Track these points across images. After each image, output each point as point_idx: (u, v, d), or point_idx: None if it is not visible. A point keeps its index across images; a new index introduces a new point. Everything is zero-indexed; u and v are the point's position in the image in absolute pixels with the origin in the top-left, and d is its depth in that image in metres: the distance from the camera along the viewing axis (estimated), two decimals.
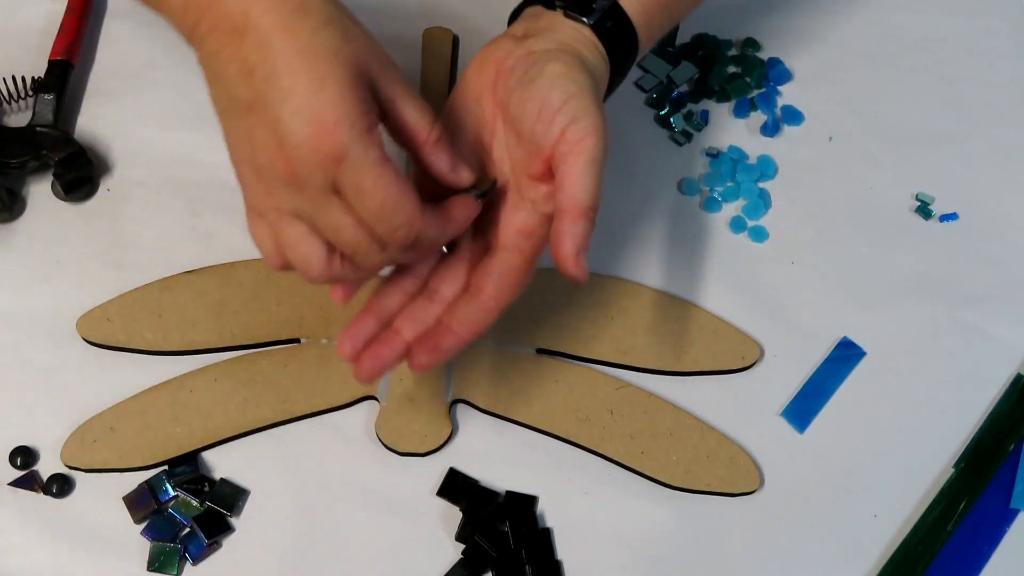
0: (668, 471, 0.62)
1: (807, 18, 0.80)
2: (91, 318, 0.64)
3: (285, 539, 0.60)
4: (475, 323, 0.54)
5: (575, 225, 0.51)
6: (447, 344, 0.53)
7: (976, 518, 0.62)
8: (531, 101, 0.52)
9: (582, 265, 0.51)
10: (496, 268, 0.54)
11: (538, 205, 0.54)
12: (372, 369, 0.53)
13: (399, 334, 0.54)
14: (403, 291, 0.55)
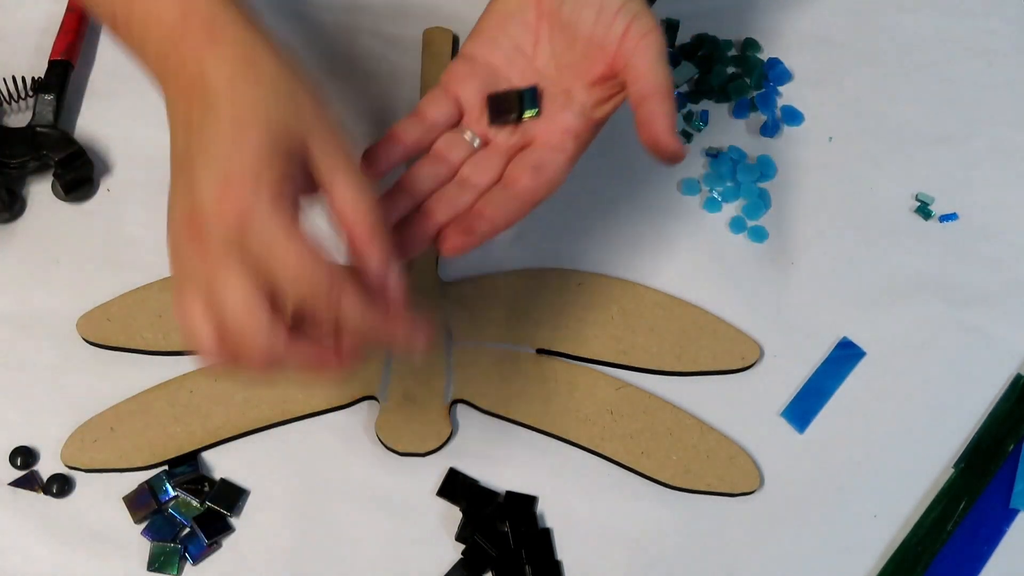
0: (668, 471, 0.62)
1: (807, 18, 0.80)
2: (91, 318, 0.64)
3: (285, 539, 0.60)
4: (509, 212, 0.53)
5: (663, 104, 0.52)
6: (481, 228, 0.53)
7: (976, 518, 0.62)
8: (587, 7, 0.54)
9: (678, 141, 0.51)
10: (536, 160, 0.54)
11: (587, 110, 0.55)
12: (402, 251, 0.52)
13: (431, 216, 0.53)
14: (435, 176, 0.55)
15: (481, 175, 0.55)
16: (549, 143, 0.55)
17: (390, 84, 0.75)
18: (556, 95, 0.56)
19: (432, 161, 0.55)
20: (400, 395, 0.63)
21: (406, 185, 0.54)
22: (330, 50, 0.76)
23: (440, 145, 0.56)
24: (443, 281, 0.67)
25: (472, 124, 0.56)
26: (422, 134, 0.55)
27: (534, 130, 0.55)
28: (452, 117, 0.56)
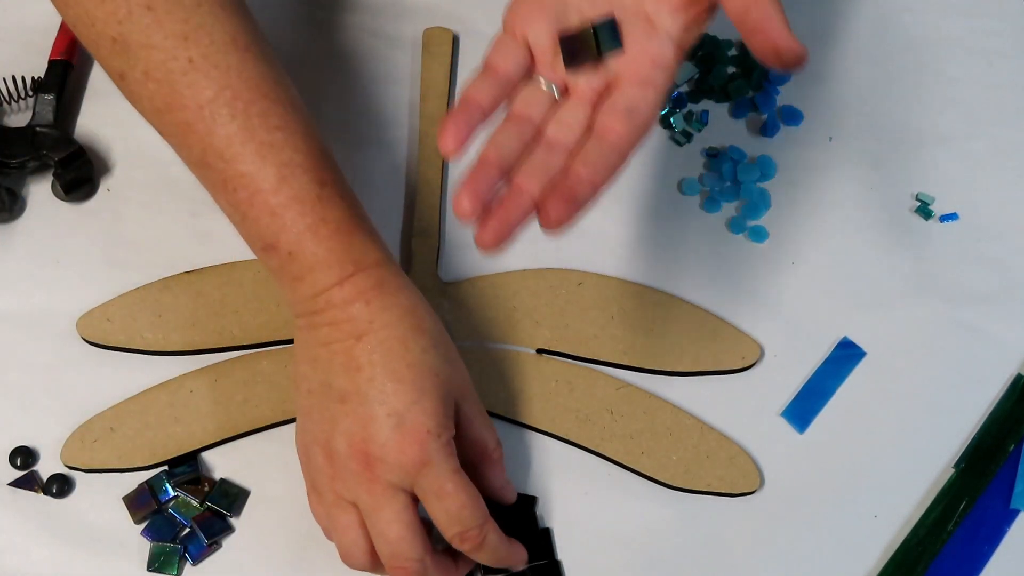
0: (668, 471, 0.62)
1: (807, 18, 0.79)
2: (91, 318, 0.64)
3: (285, 539, 0.60)
4: (608, 167, 0.48)
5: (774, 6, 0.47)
6: (582, 193, 0.48)
7: (976, 518, 0.62)
8: None
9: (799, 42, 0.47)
10: (627, 103, 0.49)
11: (674, 35, 0.50)
12: (499, 233, 0.47)
13: (525, 190, 0.48)
14: (520, 140, 0.50)
15: (569, 131, 0.50)
16: (637, 79, 0.50)
17: (390, 84, 0.75)
18: (636, 23, 0.51)
19: (513, 124, 0.50)
20: None
21: (491, 158, 0.49)
22: (330, 50, 0.76)
23: (518, 104, 0.51)
24: (443, 281, 0.67)
25: (546, 70, 0.51)
26: (497, 91, 0.50)
27: (618, 67, 0.50)
28: (525, 65, 0.51)
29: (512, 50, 0.51)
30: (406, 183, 0.71)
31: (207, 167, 0.55)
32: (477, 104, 0.49)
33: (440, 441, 0.53)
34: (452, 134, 0.48)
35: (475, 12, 0.78)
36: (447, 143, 0.48)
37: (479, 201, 0.47)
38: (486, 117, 0.49)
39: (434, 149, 0.71)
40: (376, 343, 0.53)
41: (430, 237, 0.68)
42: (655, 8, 0.50)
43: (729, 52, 0.78)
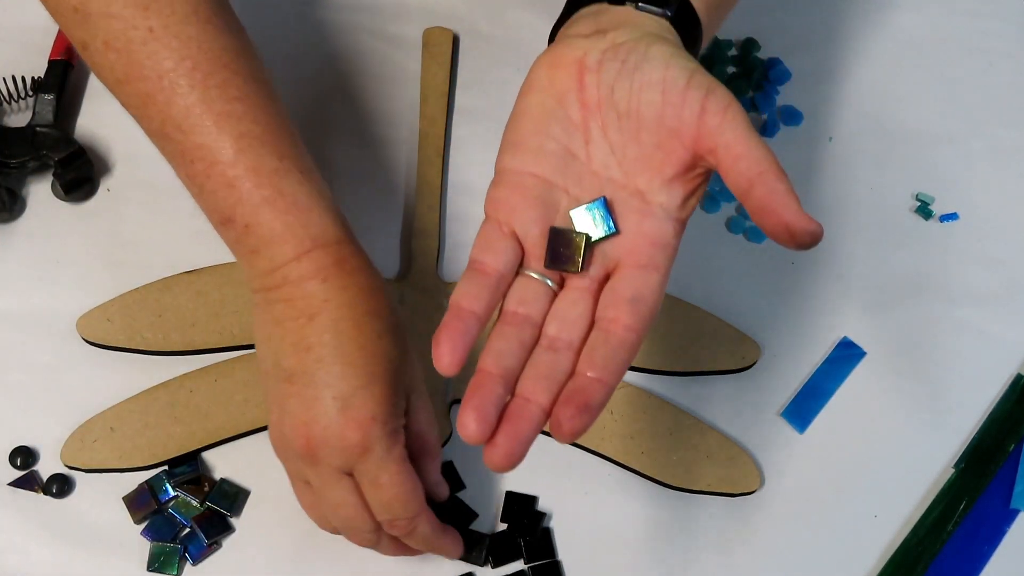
0: (668, 471, 0.62)
1: (807, 18, 0.80)
2: (91, 318, 0.64)
3: (285, 539, 0.60)
4: (619, 364, 0.44)
5: (780, 180, 0.43)
6: (595, 398, 0.43)
7: (976, 518, 0.62)
8: (647, 87, 0.46)
9: (811, 218, 0.43)
10: (630, 291, 0.45)
11: (672, 210, 0.46)
12: (511, 452, 0.42)
13: (531, 401, 0.43)
14: (520, 345, 0.45)
15: (571, 328, 0.45)
16: (638, 263, 0.46)
17: (390, 84, 0.75)
18: (629, 201, 0.47)
19: (510, 326, 0.46)
20: None
21: (492, 369, 0.44)
22: (330, 50, 0.76)
23: (512, 301, 0.46)
24: (443, 281, 0.67)
25: (539, 262, 0.47)
26: (490, 294, 0.46)
27: (616, 252, 0.46)
28: (515, 259, 0.47)
29: (500, 244, 0.47)
30: (406, 183, 0.71)
31: (166, 138, 0.54)
32: (471, 313, 0.45)
33: (385, 429, 0.51)
34: (448, 350, 0.43)
35: (475, 12, 0.78)
36: (443, 361, 0.43)
37: (486, 422, 0.43)
38: (482, 326, 0.45)
39: (434, 149, 0.71)
40: (329, 323, 0.51)
41: (430, 237, 0.68)
42: (647, 184, 0.47)
43: (729, 52, 0.78)
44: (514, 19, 0.78)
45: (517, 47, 0.77)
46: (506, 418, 0.43)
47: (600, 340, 0.45)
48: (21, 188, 0.69)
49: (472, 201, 0.71)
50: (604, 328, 0.45)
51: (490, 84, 0.75)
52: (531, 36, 0.77)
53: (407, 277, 0.67)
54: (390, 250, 0.69)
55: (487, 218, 0.48)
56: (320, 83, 0.75)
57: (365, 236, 0.69)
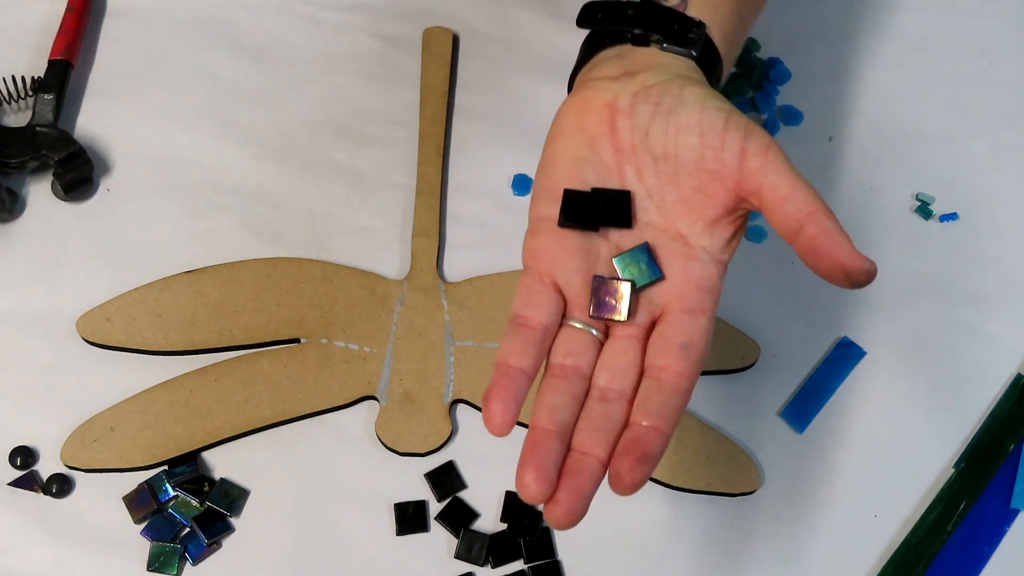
0: (668, 471, 0.62)
1: (807, 18, 0.80)
2: (91, 318, 0.64)
3: (285, 539, 0.60)
4: (674, 411, 0.43)
5: (829, 221, 0.44)
6: (654, 448, 0.42)
7: (976, 518, 0.62)
8: (684, 130, 0.46)
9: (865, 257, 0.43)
10: (680, 337, 0.45)
11: (715, 253, 0.46)
12: (574, 509, 0.41)
13: (589, 454, 0.43)
14: (572, 399, 0.44)
15: (622, 378, 0.44)
16: (684, 308, 0.45)
17: (390, 84, 0.75)
18: (670, 245, 0.46)
19: (560, 379, 0.44)
20: (400, 395, 0.63)
21: (547, 425, 0.43)
22: (330, 50, 0.76)
23: (558, 354, 0.45)
24: (443, 281, 0.67)
25: (583, 313, 0.46)
26: (537, 349, 0.44)
27: (662, 297, 0.46)
28: (558, 311, 0.46)
29: (542, 297, 0.46)
30: (406, 183, 0.71)
31: None
32: (519, 371, 0.43)
33: None
34: (500, 410, 0.42)
35: (475, 12, 0.78)
36: (495, 422, 0.42)
37: (547, 481, 0.41)
38: (531, 382, 0.44)
39: (434, 149, 0.71)
40: None
41: (430, 237, 0.68)
42: (688, 227, 0.46)
43: None
44: (514, 19, 0.78)
45: (517, 47, 0.77)
46: (565, 474, 0.42)
47: (653, 388, 0.44)
48: (21, 188, 0.69)
49: (472, 201, 0.71)
50: (656, 376, 0.44)
51: (490, 84, 0.75)
52: (531, 36, 0.77)
53: (407, 277, 0.67)
54: (390, 250, 0.69)
55: (526, 269, 0.47)
56: (320, 83, 0.75)
57: (365, 236, 0.69)
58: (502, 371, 0.43)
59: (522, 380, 0.43)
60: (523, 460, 0.42)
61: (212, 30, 0.76)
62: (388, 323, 0.65)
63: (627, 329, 0.45)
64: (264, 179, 0.71)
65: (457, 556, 0.59)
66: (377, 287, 0.66)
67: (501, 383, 0.43)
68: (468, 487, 0.62)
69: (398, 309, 0.66)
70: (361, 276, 0.67)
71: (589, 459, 0.42)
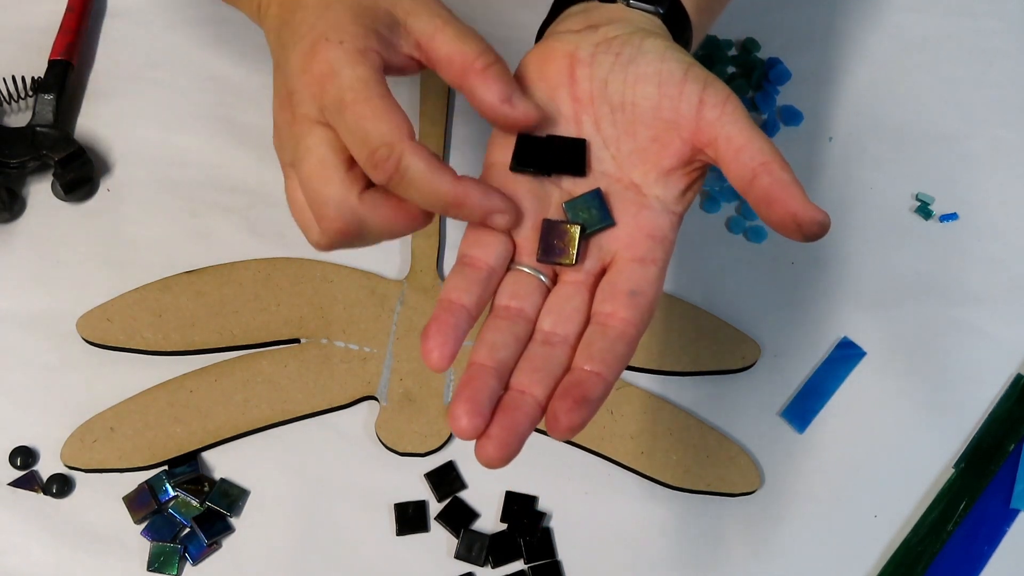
0: (668, 471, 0.62)
1: (807, 18, 0.80)
2: (91, 318, 0.64)
3: (285, 539, 0.60)
4: (618, 358, 0.42)
5: (783, 171, 0.43)
6: (594, 392, 0.41)
7: (976, 518, 0.62)
8: (643, 80, 0.46)
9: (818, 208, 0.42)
10: (628, 284, 0.44)
11: (668, 203, 0.46)
12: (507, 445, 0.40)
13: (526, 393, 0.42)
14: (514, 339, 0.43)
15: (567, 323, 0.44)
16: (635, 256, 0.45)
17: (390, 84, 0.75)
18: (623, 194, 0.46)
19: (503, 319, 0.44)
20: (400, 395, 0.63)
21: (485, 362, 0.42)
22: None
23: (504, 295, 0.44)
24: (443, 281, 0.67)
25: (528, 256, 0.45)
26: (481, 288, 0.44)
27: (612, 244, 0.45)
28: (506, 252, 0.45)
29: (489, 238, 0.45)
30: None
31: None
32: (461, 307, 0.43)
33: (342, 48, 0.44)
34: (437, 344, 0.41)
35: (475, 12, 0.78)
36: (432, 356, 0.41)
37: (480, 415, 0.40)
38: (473, 321, 0.43)
39: (434, 149, 0.71)
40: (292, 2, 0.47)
41: (430, 237, 0.68)
42: (643, 177, 0.46)
43: (729, 52, 0.78)
44: (514, 19, 0.78)
45: (517, 47, 0.76)
46: (500, 410, 0.41)
47: (598, 334, 0.43)
48: (21, 188, 0.69)
49: None
50: (601, 322, 0.43)
51: None
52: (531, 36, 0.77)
53: (407, 277, 0.67)
54: (390, 250, 0.69)
55: None
56: None
57: None
58: (443, 306, 0.43)
59: (463, 316, 0.43)
60: (456, 394, 0.41)
61: (212, 30, 0.76)
62: (388, 323, 0.65)
63: (575, 275, 0.45)
64: (264, 179, 0.71)
65: (457, 556, 0.60)
66: (377, 287, 0.66)
67: (441, 317, 0.42)
68: (468, 487, 0.62)
69: (398, 309, 0.66)
70: (361, 276, 0.67)
71: (526, 398, 0.41)
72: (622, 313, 0.43)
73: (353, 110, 0.43)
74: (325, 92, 0.44)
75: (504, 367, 0.42)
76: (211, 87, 0.74)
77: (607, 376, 0.42)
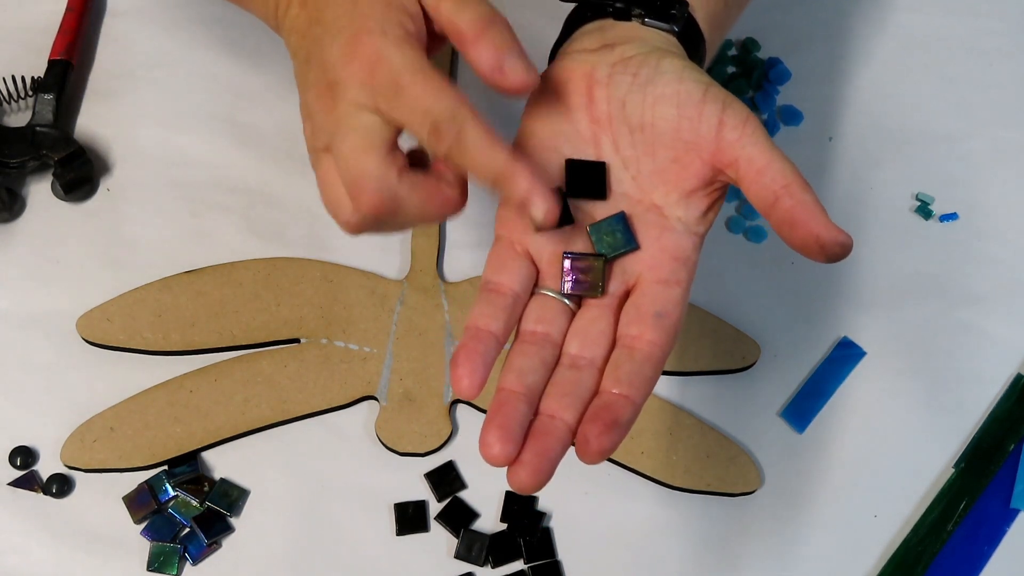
0: (668, 471, 0.62)
1: (807, 18, 0.79)
2: (91, 318, 0.64)
3: (285, 539, 0.60)
4: (645, 380, 0.43)
5: (805, 192, 0.43)
6: (623, 415, 0.41)
7: (976, 518, 0.62)
8: (662, 100, 0.46)
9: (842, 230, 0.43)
10: (653, 306, 0.44)
11: (690, 225, 0.46)
12: (540, 471, 0.40)
13: (556, 418, 0.42)
14: (541, 364, 0.43)
15: (593, 347, 0.44)
16: (659, 278, 0.45)
17: None
18: (645, 216, 0.46)
19: (530, 345, 0.44)
20: (400, 395, 0.63)
21: (514, 387, 0.42)
22: None
23: (530, 321, 0.45)
24: (443, 281, 0.67)
25: (555, 281, 0.45)
26: (507, 315, 0.44)
27: (636, 266, 0.45)
28: (530, 279, 0.45)
29: (513, 264, 0.45)
30: None
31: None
32: (488, 333, 0.43)
33: (386, 36, 0.44)
34: (467, 372, 0.42)
35: None
36: (463, 384, 0.41)
37: (512, 442, 0.40)
38: (501, 347, 0.43)
39: None
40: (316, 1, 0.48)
41: (430, 237, 0.68)
42: (663, 198, 0.46)
43: (729, 52, 0.78)
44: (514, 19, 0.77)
45: None
46: (532, 435, 0.41)
47: (625, 357, 0.43)
48: (21, 188, 0.69)
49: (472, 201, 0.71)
50: (628, 345, 0.43)
51: None
52: (531, 36, 0.77)
53: (407, 277, 0.67)
54: (390, 250, 0.69)
55: (497, 239, 0.46)
56: None
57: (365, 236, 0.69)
58: (471, 334, 0.43)
59: (491, 343, 0.43)
60: (488, 420, 0.41)
61: (212, 30, 0.76)
62: (388, 323, 0.65)
63: (600, 301, 0.45)
64: (264, 179, 0.71)
65: (457, 556, 0.60)
66: (377, 287, 0.66)
67: (470, 345, 0.42)
68: (468, 487, 0.62)
69: (398, 309, 0.66)
70: (361, 276, 0.67)
71: (557, 423, 0.42)
72: (648, 335, 0.43)
73: (411, 90, 0.43)
74: (376, 77, 0.43)
75: (533, 392, 0.42)
76: (211, 87, 0.74)
77: (635, 399, 0.42)
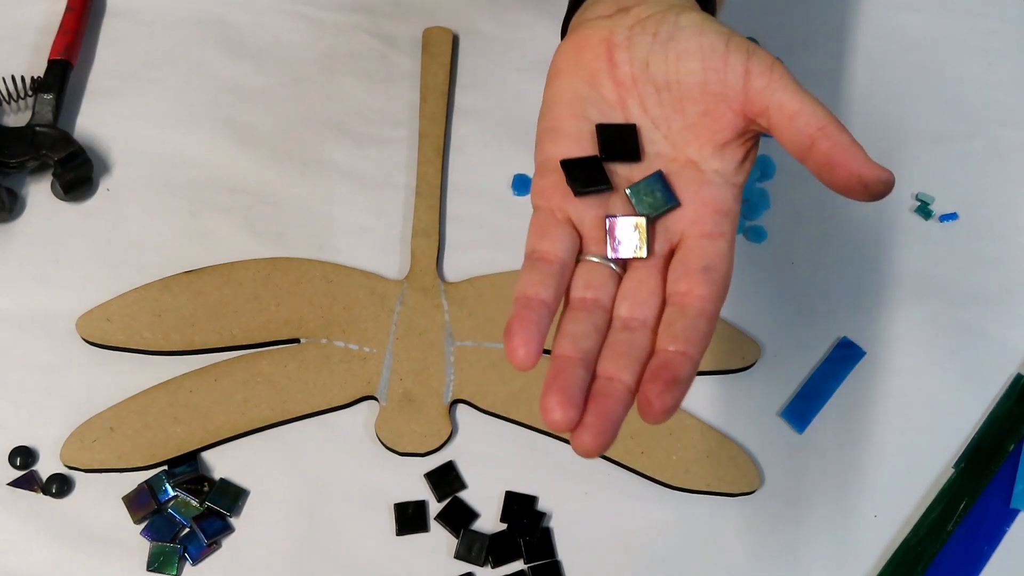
0: (668, 471, 0.62)
1: (807, 18, 0.80)
2: (91, 318, 0.64)
3: (285, 539, 0.60)
4: (701, 335, 0.42)
5: (841, 133, 0.43)
6: (682, 371, 0.41)
7: (976, 518, 0.62)
8: (685, 56, 0.45)
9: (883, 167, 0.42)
10: (701, 261, 0.43)
11: (728, 176, 0.45)
12: (603, 432, 0.39)
13: (615, 379, 0.41)
14: (594, 329, 0.43)
15: (643, 306, 0.43)
16: (703, 232, 0.44)
17: (390, 84, 0.75)
18: (682, 172, 0.46)
19: (581, 312, 0.43)
20: (400, 395, 0.63)
21: (568, 351, 0.41)
22: (329, 50, 0.76)
23: (578, 288, 0.44)
24: (443, 281, 0.67)
25: (599, 246, 0.45)
26: (556, 281, 0.43)
27: (678, 224, 0.45)
28: (573, 244, 0.45)
29: (556, 231, 0.45)
30: (406, 183, 0.71)
31: None
32: (540, 302, 0.42)
33: None
34: (522, 342, 0.41)
35: (475, 12, 0.78)
36: (519, 354, 0.40)
37: (574, 406, 0.39)
38: (552, 315, 0.42)
39: (434, 149, 0.71)
40: None
41: (430, 237, 0.68)
42: (698, 152, 0.46)
43: None
44: (514, 19, 0.78)
45: (517, 47, 0.77)
46: (592, 398, 0.40)
47: (677, 313, 0.42)
48: (21, 188, 0.69)
49: (472, 201, 0.71)
50: (679, 302, 0.43)
51: (490, 84, 0.75)
52: (531, 36, 0.77)
53: (407, 277, 0.67)
54: (390, 250, 0.69)
55: (537, 209, 0.46)
56: (320, 83, 0.75)
57: (365, 236, 0.69)
58: (522, 303, 0.42)
59: (543, 311, 0.42)
60: (547, 386, 0.40)
61: (212, 30, 0.76)
62: (388, 323, 0.65)
63: (647, 261, 0.45)
64: (264, 179, 0.71)
65: (457, 556, 0.60)
66: (377, 287, 0.66)
67: (522, 314, 0.41)
68: (468, 487, 0.62)
69: (398, 309, 0.66)
70: (361, 276, 0.67)
71: (615, 384, 0.41)
72: (698, 290, 0.43)
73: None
74: None
75: (589, 357, 0.42)
76: (211, 87, 0.74)
77: (693, 354, 0.41)
